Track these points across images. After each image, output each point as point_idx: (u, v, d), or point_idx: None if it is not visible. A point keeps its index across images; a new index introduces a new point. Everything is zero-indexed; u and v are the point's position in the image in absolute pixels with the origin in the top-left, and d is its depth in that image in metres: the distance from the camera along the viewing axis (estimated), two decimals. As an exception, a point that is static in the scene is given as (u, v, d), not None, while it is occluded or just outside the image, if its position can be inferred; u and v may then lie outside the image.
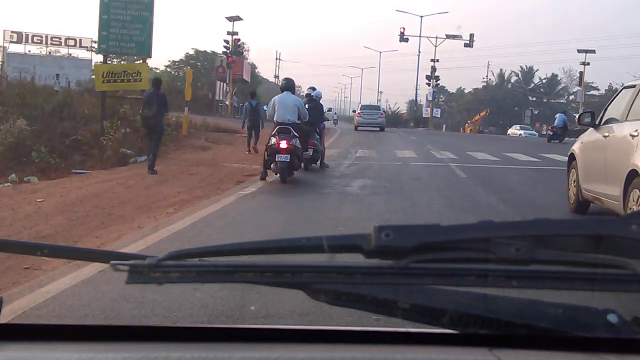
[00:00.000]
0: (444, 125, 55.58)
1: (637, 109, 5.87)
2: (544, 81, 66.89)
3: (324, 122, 11.93)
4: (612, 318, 0.84)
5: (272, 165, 8.85)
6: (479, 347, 0.86)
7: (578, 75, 44.54)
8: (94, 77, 30.13)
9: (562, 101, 66.64)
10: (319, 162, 11.22)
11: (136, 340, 0.91)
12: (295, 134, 8.94)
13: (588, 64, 43.50)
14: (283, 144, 8.57)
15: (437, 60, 47.81)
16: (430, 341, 0.91)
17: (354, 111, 41.03)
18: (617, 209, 5.74)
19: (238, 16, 37.24)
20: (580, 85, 43.99)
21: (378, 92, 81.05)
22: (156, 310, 3.32)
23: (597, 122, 6.71)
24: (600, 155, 6.40)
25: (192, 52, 49.78)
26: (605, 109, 6.84)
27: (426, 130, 41.31)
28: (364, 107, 33.81)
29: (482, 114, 56.23)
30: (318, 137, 11.05)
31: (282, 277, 0.83)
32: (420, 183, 9.67)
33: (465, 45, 45.58)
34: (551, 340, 0.85)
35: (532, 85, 66.81)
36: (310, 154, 10.51)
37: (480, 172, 11.74)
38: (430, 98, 48.79)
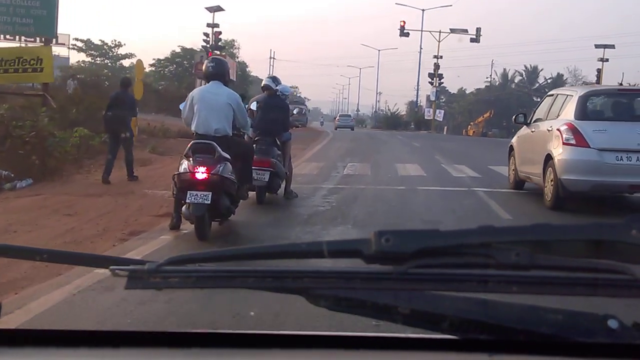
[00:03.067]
0: (445, 127, 55.86)
1: (553, 111, 8.69)
2: (549, 81, 67.17)
3: (290, 132, 8.40)
4: (612, 324, 0.88)
5: (183, 208, 5.52)
6: (479, 352, 0.91)
7: (591, 73, 44.93)
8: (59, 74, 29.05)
9: (567, 102, 66.98)
10: (283, 190, 8.06)
11: (136, 346, 0.95)
12: (225, 155, 5.65)
13: (607, 60, 42.92)
14: (200, 173, 5.38)
15: (441, 57, 47.62)
16: (430, 347, 0.96)
17: (334, 118, 60.93)
18: (540, 183, 8.49)
19: (219, 6, 36.12)
20: (598, 82, 44.20)
21: (377, 93, 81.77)
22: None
23: (528, 121, 9.54)
24: (529, 145, 9.20)
25: (178, 49, 49.70)
26: (534, 111, 9.68)
27: (429, 134, 41.38)
28: (341, 115, 58.34)
29: (485, 116, 56.47)
30: (279, 152, 7.77)
31: (282, 282, 0.88)
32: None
33: (472, 40, 44.40)
34: (551, 346, 0.90)
35: (537, 85, 67.02)
36: (266, 179, 7.36)
37: (527, 208, 8.25)
38: (433, 98, 48.59)
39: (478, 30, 44.89)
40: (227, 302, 3.55)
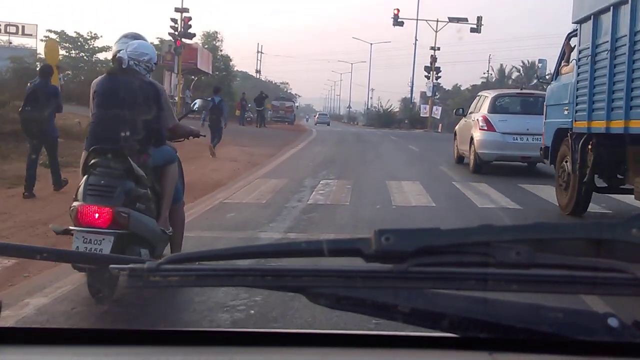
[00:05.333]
0: (440, 125, 56.05)
1: (477, 107, 13.89)
2: (547, 77, 67.79)
3: (173, 146, 4.67)
4: (612, 322, 0.92)
5: None
6: (479, 350, 0.96)
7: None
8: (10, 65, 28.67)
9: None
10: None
11: (135, 344, 0.99)
12: None
13: None
14: None
15: (438, 49, 46.38)
16: (430, 345, 1.00)
17: (314, 115, 77.84)
18: (468, 156, 13.37)
19: (188, -10, 35.52)
20: None
21: (369, 89, 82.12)
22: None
23: (465, 114, 14.78)
24: (463, 131, 14.23)
25: (157, 41, 49.17)
26: (469, 106, 14.89)
27: (425, 133, 41.13)
28: (320, 114, 73.26)
29: (483, 113, 56.50)
30: (142, 191, 4.00)
31: (281, 280, 0.92)
32: None
33: (472, 30, 42.82)
34: (551, 345, 0.94)
35: (535, 81, 67.53)
36: (106, 250, 3.59)
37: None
38: (429, 93, 48.02)
39: (479, 19, 42.94)
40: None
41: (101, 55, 50.51)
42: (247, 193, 9.08)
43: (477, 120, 13.14)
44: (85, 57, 49.67)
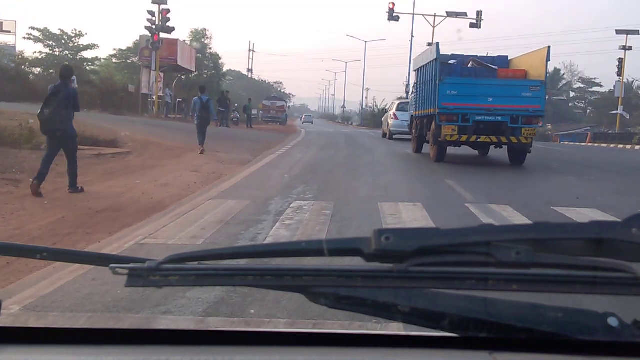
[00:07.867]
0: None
1: (391, 107, 31.46)
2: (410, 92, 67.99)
3: None
4: (612, 321, 0.96)
5: None
6: (479, 350, 0.99)
7: (587, 68, 45.44)
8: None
9: (563, 98, 71.04)
10: None
11: (135, 344, 1.02)
12: None
13: (630, 48, 41.49)
14: None
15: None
16: (430, 344, 1.04)
17: (301, 117, 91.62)
18: (386, 132, 30.44)
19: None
20: (620, 74, 42.93)
21: (363, 88, 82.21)
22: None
23: (387, 111, 35.43)
24: (385, 120, 32.03)
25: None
26: (391, 106, 32.24)
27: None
28: (305, 115, 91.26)
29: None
30: None
31: (282, 280, 0.95)
32: None
33: (472, 25, 41.80)
34: (551, 344, 0.97)
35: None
36: None
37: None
38: None
39: (479, 13, 41.68)
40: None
41: (86, 54, 50.45)
42: (183, 225, 6.71)
43: (391, 114, 28.68)
44: (69, 55, 49.43)
